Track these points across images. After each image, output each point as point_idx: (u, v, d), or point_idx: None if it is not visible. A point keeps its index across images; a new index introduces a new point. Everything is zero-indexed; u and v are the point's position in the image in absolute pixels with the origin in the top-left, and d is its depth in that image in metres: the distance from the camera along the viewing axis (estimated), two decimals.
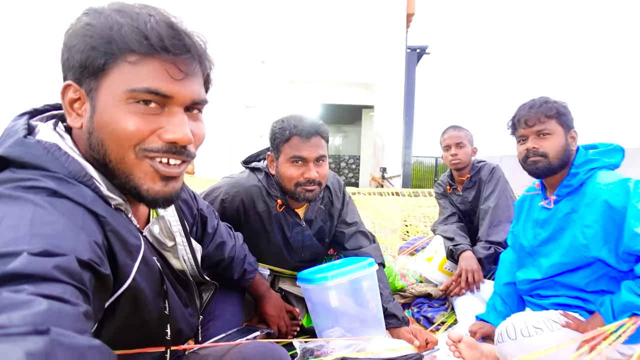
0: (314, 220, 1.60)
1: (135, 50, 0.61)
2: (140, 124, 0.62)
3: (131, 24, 0.61)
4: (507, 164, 7.92)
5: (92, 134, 0.64)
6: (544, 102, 1.36)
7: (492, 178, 2.10)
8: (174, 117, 0.65)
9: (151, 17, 0.62)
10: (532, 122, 1.36)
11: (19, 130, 0.62)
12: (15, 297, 0.39)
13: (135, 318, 0.68)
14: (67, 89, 0.65)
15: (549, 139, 1.34)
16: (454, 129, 2.17)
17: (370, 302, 1.43)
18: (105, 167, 0.65)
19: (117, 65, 0.61)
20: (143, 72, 0.62)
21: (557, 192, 1.37)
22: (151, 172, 0.65)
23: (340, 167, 14.00)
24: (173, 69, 0.63)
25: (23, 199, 0.52)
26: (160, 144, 0.64)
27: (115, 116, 0.62)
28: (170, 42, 0.62)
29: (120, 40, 0.60)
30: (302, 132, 1.38)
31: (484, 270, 1.90)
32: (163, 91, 0.63)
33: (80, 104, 0.65)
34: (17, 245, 0.45)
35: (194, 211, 1.11)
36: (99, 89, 0.62)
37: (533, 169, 1.38)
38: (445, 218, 2.25)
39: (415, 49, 8.99)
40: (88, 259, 0.51)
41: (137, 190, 0.66)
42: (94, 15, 0.62)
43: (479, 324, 1.57)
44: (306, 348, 1.23)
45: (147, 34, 0.61)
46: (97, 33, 0.61)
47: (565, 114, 1.36)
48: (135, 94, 0.61)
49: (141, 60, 0.61)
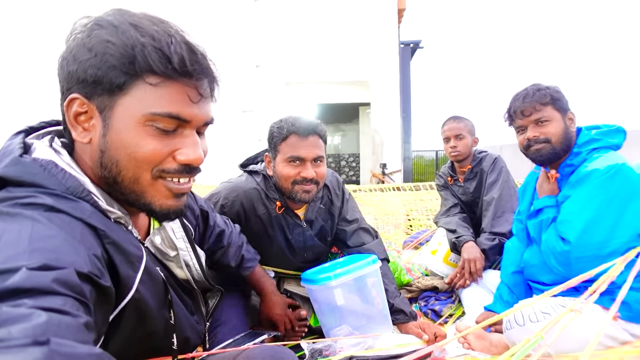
0: (314, 220, 1.60)
1: (157, 72, 0.61)
2: (158, 147, 0.63)
3: (153, 44, 0.60)
4: (508, 153, 7.91)
5: (105, 153, 0.64)
6: (537, 90, 1.37)
7: (495, 168, 2.09)
8: (187, 139, 0.66)
9: (171, 38, 0.61)
10: (529, 112, 1.36)
11: (14, 149, 0.61)
12: (14, 311, 0.39)
13: (141, 329, 0.68)
14: (72, 102, 0.63)
15: (548, 125, 1.35)
16: (454, 120, 2.16)
17: (376, 298, 1.43)
18: (114, 184, 0.65)
19: (137, 86, 0.61)
20: (164, 96, 0.62)
21: (560, 170, 1.38)
22: (164, 190, 0.67)
23: (341, 165, 14.00)
24: (193, 92, 0.64)
25: (21, 215, 0.52)
26: (176, 165, 0.66)
27: (134, 139, 0.62)
28: (192, 67, 0.62)
29: (143, 61, 0.60)
30: (299, 131, 1.38)
31: (488, 261, 1.90)
32: (184, 116, 0.64)
33: (86, 117, 0.64)
34: (16, 261, 0.45)
35: (196, 212, 1.12)
36: (115, 108, 0.62)
37: (537, 156, 1.38)
38: (447, 210, 2.24)
39: (408, 44, 8.97)
40: (88, 272, 0.51)
41: (150, 207, 0.67)
42: (111, 31, 0.61)
43: (486, 314, 1.56)
44: (314, 348, 1.23)
45: (170, 57, 0.60)
46: (119, 52, 0.60)
47: (559, 99, 1.36)
48: (155, 117, 0.62)
49: (162, 83, 0.62)
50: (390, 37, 8.29)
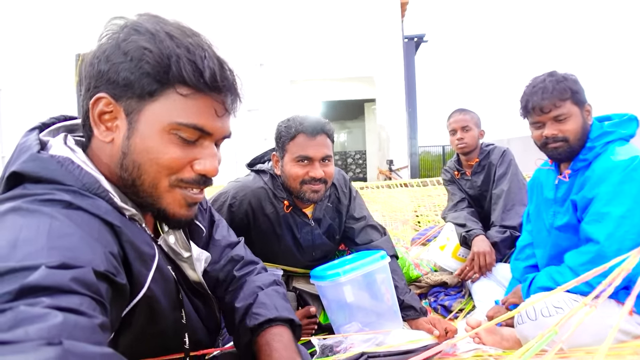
0: (322, 219, 1.59)
1: (188, 84, 0.63)
2: (180, 156, 0.65)
3: (188, 57, 0.62)
4: (515, 146, 7.84)
5: (128, 155, 0.65)
6: (556, 83, 1.30)
7: (504, 161, 2.07)
8: (206, 150, 0.68)
9: (205, 52, 0.64)
10: (548, 109, 1.30)
11: (32, 145, 0.62)
12: (31, 311, 0.40)
13: (151, 327, 0.68)
14: (99, 101, 0.64)
15: (567, 123, 1.30)
16: (460, 113, 2.14)
17: (385, 294, 1.43)
18: (132, 187, 0.66)
19: (167, 94, 0.63)
20: (192, 107, 0.64)
21: (572, 166, 1.34)
22: (180, 199, 0.69)
23: (347, 163, 13.98)
24: (219, 107, 0.67)
25: (40, 212, 0.53)
26: (193, 175, 0.68)
27: (159, 146, 0.64)
28: (222, 83, 0.65)
29: (177, 71, 0.61)
30: (307, 130, 1.38)
31: (499, 254, 1.89)
32: (207, 129, 0.66)
33: (111, 117, 0.65)
34: (35, 258, 0.45)
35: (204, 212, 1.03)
36: (142, 112, 0.63)
37: (555, 154, 1.35)
38: (454, 204, 2.23)
39: (412, 38, 8.92)
40: (104, 270, 0.52)
41: (164, 213, 0.69)
42: (149, 38, 0.62)
43: (497, 308, 1.55)
44: (325, 345, 1.23)
45: (202, 71, 0.62)
46: (155, 60, 0.61)
47: (578, 91, 1.31)
48: (181, 127, 0.64)
49: (193, 95, 0.64)
50: (394, 32, 8.25)
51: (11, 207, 0.53)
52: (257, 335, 0.79)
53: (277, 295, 0.88)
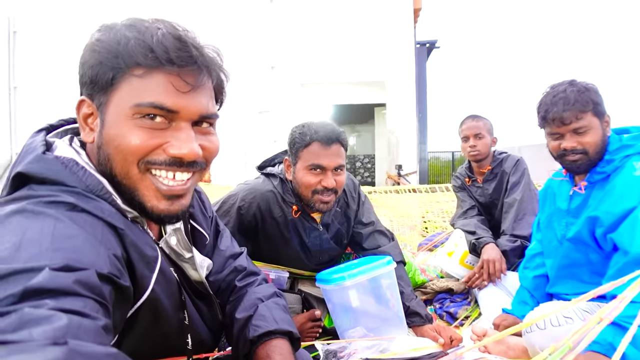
0: (331, 224, 1.59)
1: (141, 63, 0.61)
2: (145, 139, 0.62)
3: (138, 37, 0.61)
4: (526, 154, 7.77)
5: (101, 148, 0.64)
6: (578, 94, 1.26)
7: (517, 170, 2.05)
8: (180, 132, 0.64)
9: (159, 30, 0.62)
10: (569, 120, 1.26)
11: (37, 147, 0.63)
12: (36, 313, 0.40)
13: (155, 328, 0.68)
14: (81, 105, 0.66)
15: (587, 135, 1.26)
16: (473, 119, 2.12)
17: (391, 300, 1.42)
18: (113, 181, 0.65)
19: (125, 80, 0.62)
20: (149, 86, 0.61)
21: (589, 178, 1.31)
22: (153, 189, 0.65)
23: (356, 167, 13.96)
24: (178, 81, 0.62)
25: (44, 214, 0.53)
26: (164, 157, 0.63)
27: (121, 131, 0.62)
28: (175, 54, 0.61)
29: (127, 54, 0.60)
30: (322, 139, 1.36)
31: (508, 263, 1.87)
32: (168, 106, 0.62)
33: (93, 118, 0.66)
34: (39, 260, 0.46)
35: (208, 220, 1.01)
36: (108, 104, 0.63)
37: (573, 167, 1.31)
38: (464, 212, 2.21)
39: (424, 44, 8.91)
40: (108, 272, 0.52)
41: (143, 206, 0.66)
42: (105, 31, 0.63)
43: (503, 316, 1.53)
44: (329, 350, 1.22)
45: (152, 47, 0.60)
46: (105, 48, 0.61)
47: (599, 102, 1.27)
48: (140, 108, 0.61)
49: (147, 73, 0.61)
50: (406, 37, 8.25)
51: (16, 208, 0.53)
52: (256, 347, 0.79)
53: (277, 307, 0.87)
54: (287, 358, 0.77)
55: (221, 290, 0.93)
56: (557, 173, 1.48)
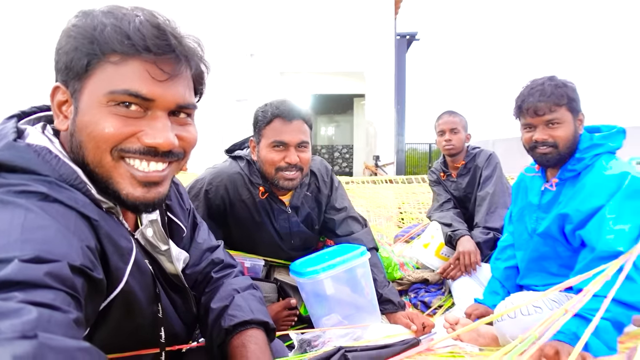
0: (300, 207, 1.58)
1: (116, 50, 0.59)
2: (118, 126, 0.60)
3: (115, 24, 0.59)
4: (500, 148, 7.94)
5: (73, 135, 0.62)
6: (555, 88, 1.29)
7: (489, 164, 2.11)
8: (155, 121, 0.63)
9: (137, 18, 0.60)
10: (543, 112, 1.29)
11: (8, 133, 0.60)
12: (4, 306, 0.39)
13: (128, 321, 0.67)
14: (56, 91, 0.64)
15: (559, 129, 1.30)
16: (449, 115, 2.17)
17: (365, 289, 1.43)
18: (86, 170, 0.63)
19: (100, 67, 0.60)
20: (124, 73, 0.60)
21: (560, 175, 1.34)
22: (128, 176, 0.63)
23: (334, 157, 13.99)
24: (154, 69, 0.61)
25: (14, 204, 0.51)
26: (139, 145, 0.62)
27: (94, 118, 0.60)
28: (152, 42, 0.60)
29: (102, 40, 0.59)
30: (284, 114, 1.36)
31: (482, 255, 1.92)
32: (143, 93, 0.60)
33: (67, 106, 0.64)
34: (7, 251, 0.44)
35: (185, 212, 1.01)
36: (83, 91, 0.61)
37: (543, 159, 1.34)
38: (440, 205, 2.26)
39: (404, 36, 8.94)
40: (80, 264, 0.50)
41: (117, 195, 0.64)
42: (82, 17, 0.61)
43: (475, 306, 1.57)
44: (303, 339, 1.23)
45: (129, 34, 0.59)
46: (81, 34, 0.60)
47: (574, 99, 1.30)
48: (115, 96, 0.60)
49: (122, 60, 0.60)
50: (387, 29, 8.26)
51: None
52: (231, 337, 0.79)
53: (253, 298, 0.87)
54: (262, 348, 0.77)
55: (197, 283, 0.92)
56: (528, 168, 1.51)
